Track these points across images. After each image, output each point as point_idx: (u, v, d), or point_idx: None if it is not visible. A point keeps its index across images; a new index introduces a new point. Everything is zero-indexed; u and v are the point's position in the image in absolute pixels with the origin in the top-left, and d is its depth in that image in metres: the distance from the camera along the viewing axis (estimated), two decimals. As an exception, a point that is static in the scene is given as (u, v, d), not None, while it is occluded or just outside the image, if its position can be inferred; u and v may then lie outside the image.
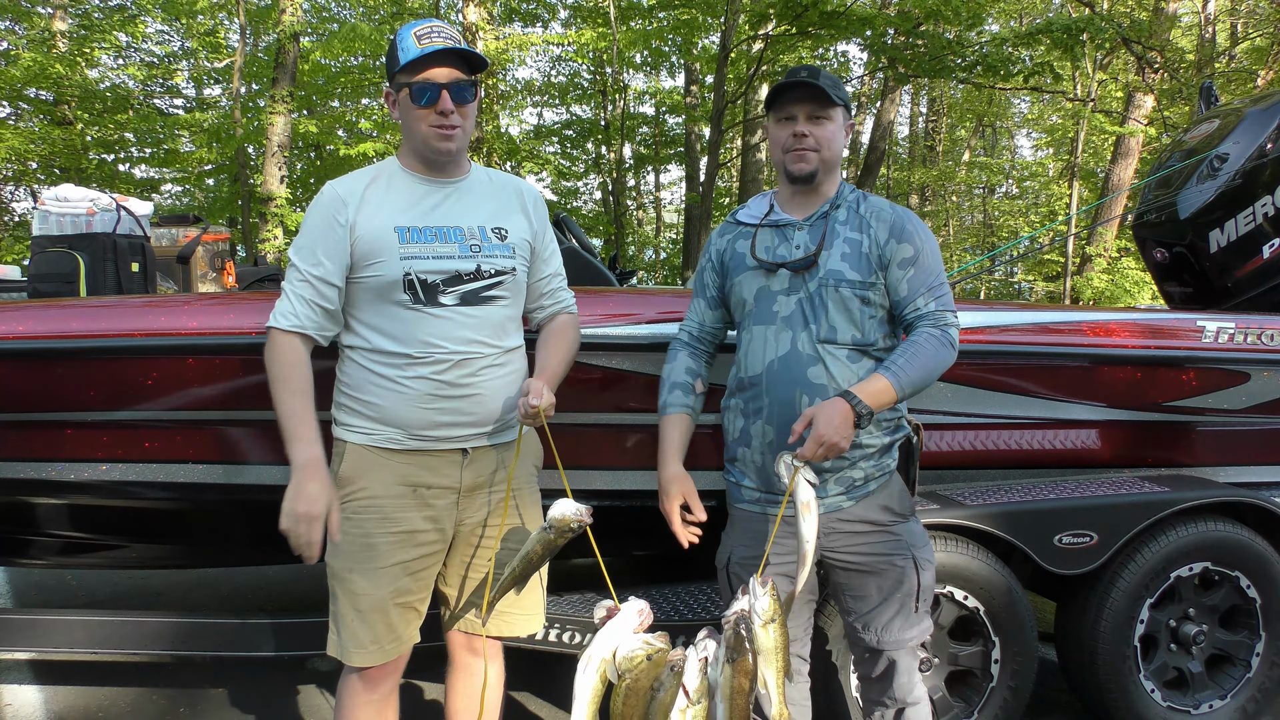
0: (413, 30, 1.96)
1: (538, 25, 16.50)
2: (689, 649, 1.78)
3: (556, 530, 1.87)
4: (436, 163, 2.03)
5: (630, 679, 1.71)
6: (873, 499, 2.08)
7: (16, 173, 14.14)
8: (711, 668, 1.77)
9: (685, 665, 1.75)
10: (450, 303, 1.97)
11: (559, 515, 1.86)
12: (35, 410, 2.60)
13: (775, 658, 1.77)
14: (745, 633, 1.74)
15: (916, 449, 2.15)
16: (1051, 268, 19.64)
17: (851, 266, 2.03)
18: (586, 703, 1.73)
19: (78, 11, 14.72)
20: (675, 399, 2.21)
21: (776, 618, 1.76)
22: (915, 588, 2.09)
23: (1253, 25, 16.88)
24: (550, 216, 2.35)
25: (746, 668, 1.74)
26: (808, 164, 2.06)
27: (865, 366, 2.04)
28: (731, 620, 1.75)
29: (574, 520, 1.85)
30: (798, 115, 2.05)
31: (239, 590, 4.50)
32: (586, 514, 1.86)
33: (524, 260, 2.09)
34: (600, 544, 1.93)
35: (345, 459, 2.02)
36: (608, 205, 18.07)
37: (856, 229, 2.07)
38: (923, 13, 10.72)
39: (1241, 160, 3.52)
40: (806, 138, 2.04)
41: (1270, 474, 3.26)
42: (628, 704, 1.72)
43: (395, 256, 1.94)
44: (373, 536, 1.99)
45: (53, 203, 3.34)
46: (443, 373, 1.97)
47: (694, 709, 1.74)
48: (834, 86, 2.04)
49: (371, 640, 2.01)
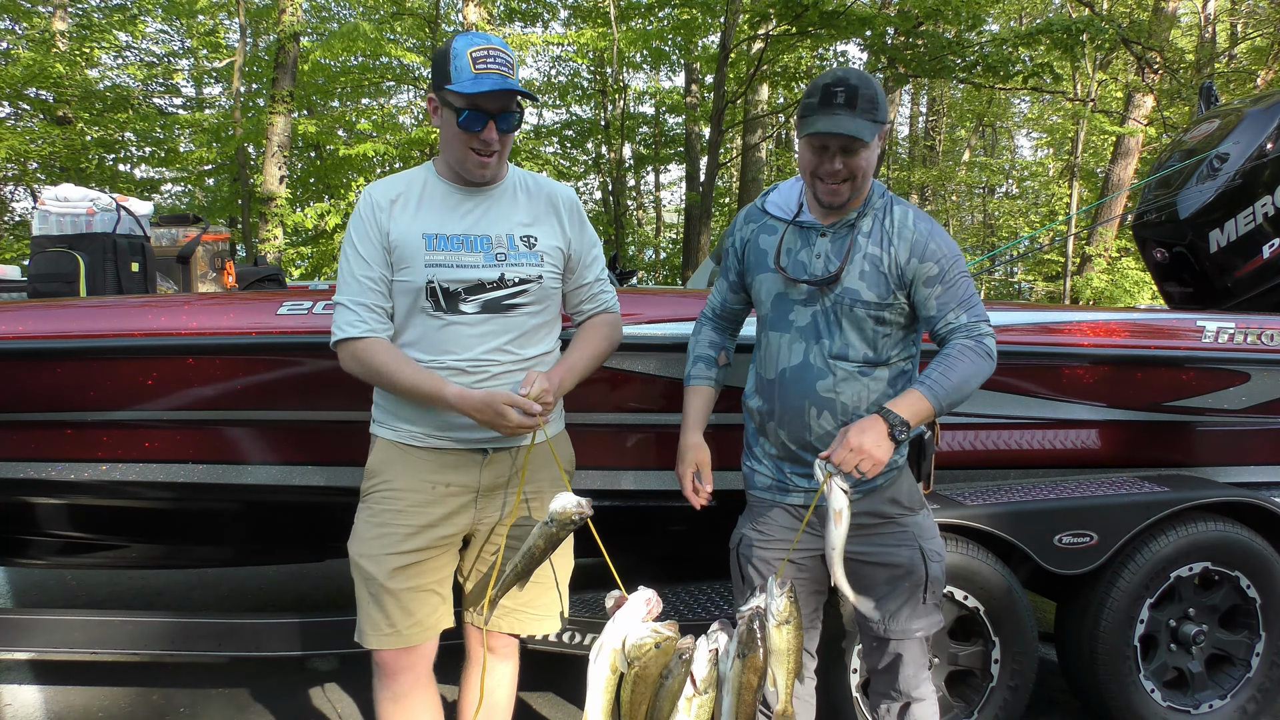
0: (469, 50, 1.91)
1: (538, 25, 16.51)
2: (699, 639, 1.78)
3: (558, 524, 1.87)
4: (470, 180, 2.06)
5: (639, 667, 1.72)
6: (880, 493, 2.08)
7: (16, 173, 14.14)
8: (721, 660, 1.77)
9: (694, 654, 1.74)
10: (471, 310, 1.99)
11: (559, 508, 1.86)
12: (35, 410, 2.60)
13: (787, 659, 1.77)
14: (759, 630, 1.74)
15: (929, 445, 2.15)
16: (1051, 268, 19.65)
17: (869, 286, 2.01)
18: (600, 692, 1.75)
19: (77, 11, 14.72)
20: (698, 371, 2.28)
21: (791, 619, 1.77)
22: (923, 579, 2.10)
23: (1253, 25, 16.87)
24: None
25: (757, 664, 1.73)
26: (839, 197, 1.99)
27: (877, 381, 2.04)
28: (746, 616, 1.75)
29: (575, 513, 1.86)
30: (831, 145, 1.93)
31: (239, 590, 4.50)
32: (587, 506, 1.86)
33: (554, 268, 2.10)
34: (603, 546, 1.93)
35: (374, 452, 2.09)
36: (608, 205, 18.05)
37: (879, 244, 2.02)
38: (922, 13, 10.72)
39: (1241, 160, 3.52)
40: (840, 171, 1.94)
41: (1270, 474, 3.27)
42: (636, 691, 1.73)
43: (421, 264, 1.97)
44: (388, 525, 2.03)
45: (53, 203, 3.34)
46: (456, 378, 1.98)
47: (700, 699, 1.73)
48: (872, 110, 1.90)
49: (386, 623, 2.03)
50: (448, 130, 1.98)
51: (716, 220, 16.51)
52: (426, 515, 2.04)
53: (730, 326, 2.34)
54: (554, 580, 2.21)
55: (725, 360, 2.30)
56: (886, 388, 2.05)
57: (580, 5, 15.82)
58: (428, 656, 2.12)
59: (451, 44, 1.95)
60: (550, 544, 1.92)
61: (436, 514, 2.05)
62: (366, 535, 2.06)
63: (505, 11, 15.36)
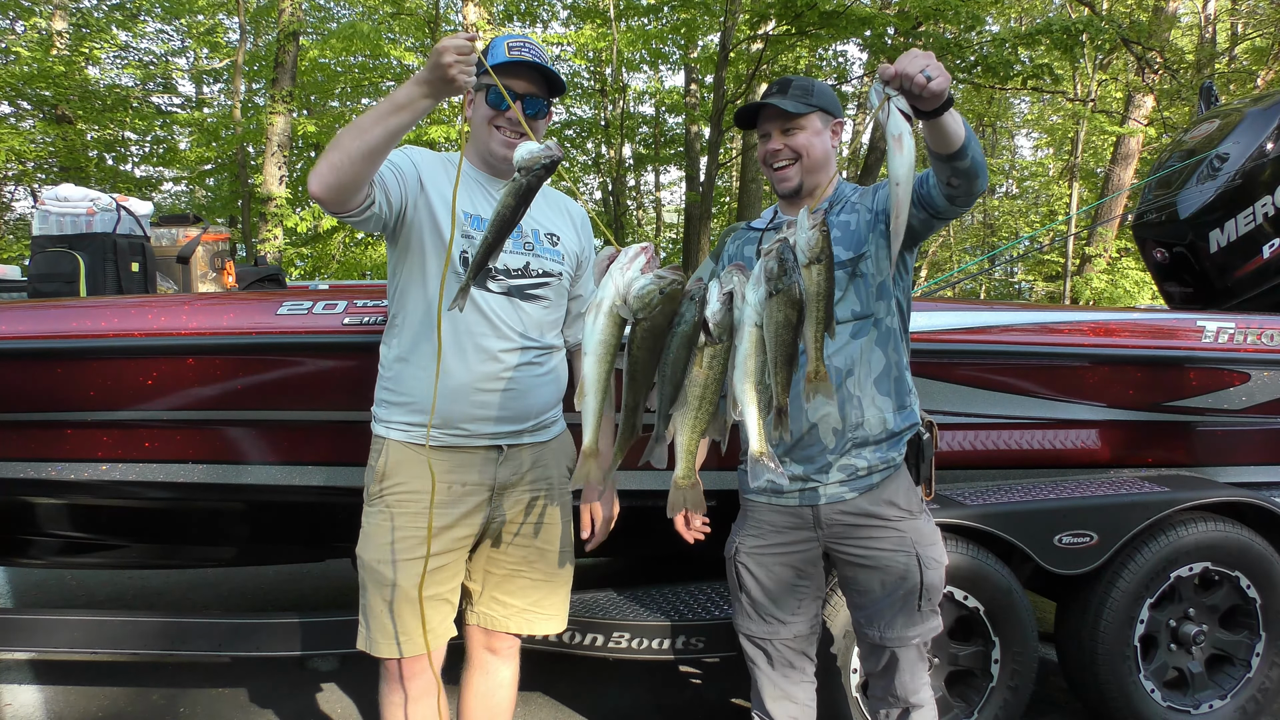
0: (506, 41, 2.02)
1: (537, 25, 16.51)
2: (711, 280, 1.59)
3: (526, 171, 1.63)
4: (498, 169, 2.07)
5: (647, 319, 1.54)
6: (877, 492, 2.07)
7: (17, 172, 14.14)
8: (738, 305, 1.58)
9: (707, 295, 1.57)
10: (498, 290, 2.02)
11: (525, 155, 1.62)
12: (35, 410, 2.60)
13: (816, 305, 1.59)
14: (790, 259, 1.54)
15: (928, 446, 2.15)
16: (1051, 268, 19.65)
17: (844, 248, 2.06)
18: (599, 356, 1.60)
19: (76, 10, 14.71)
20: None
21: (823, 258, 1.57)
22: (918, 586, 2.09)
23: (1253, 25, 16.87)
24: None
25: (794, 296, 1.54)
26: (790, 180, 2.11)
27: (866, 345, 2.05)
28: (775, 250, 1.56)
29: (543, 156, 1.62)
30: (771, 131, 2.11)
31: (239, 590, 4.50)
32: (555, 147, 1.64)
33: (570, 270, 2.15)
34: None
35: (385, 454, 2.06)
36: (608, 205, 18.05)
37: (849, 212, 2.11)
38: (922, 13, 10.72)
39: (1241, 160, 3.52)
40: (781, 151, 2.10)
41: (1270, 474, 3.27)
42: (645, 346, 1.56)
43: (459, 231, 1.96)
44: (406, 530, 2.02)
45: (53, 203, 3.34)
46: (482, 363, 1.99)
47: (714, 347, 1.56)
48: (803, 94, 2.08)
49: (401, 631, 2.03)
50: (478, 114, 2.04)
51: (716, 220, 16.51)
52: (445, 516, 2.03)
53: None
54: (562, 580, 2.21)
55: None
56: (876, 347, 2.06)
57: (580, 5, 15.81)
58: (438, 661, 2.11)
59: (491, 41, 2.04)
60: (521, 200, 1.66)
61: (454, 514, 2.04)
62: (383, 540, 2.03)
63: (505, 11, 15.35)
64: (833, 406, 2.02)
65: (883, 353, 2.07)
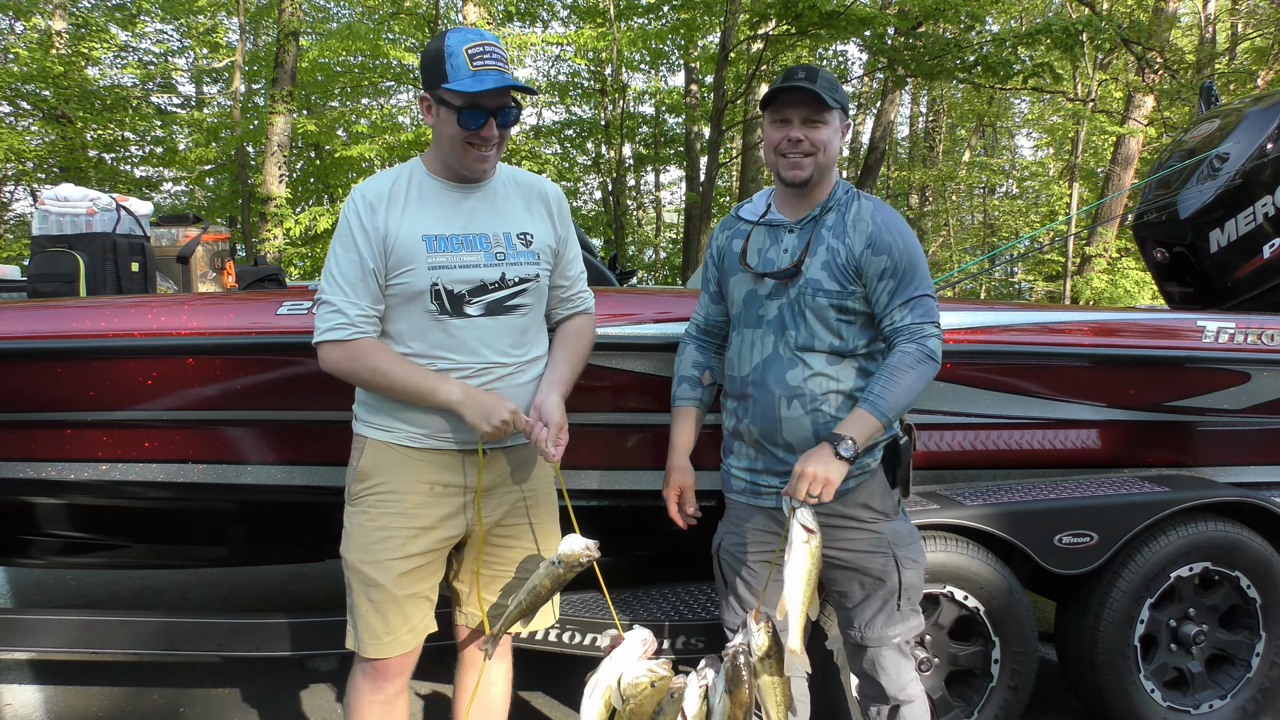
0: (465, 47, 1.89)
1: (537, 25, 16.50)
2: (690, 676, 1.84)
3: (565, 565, 1.92)
4: (468, 178, 2.03)
5: (634, 704, 1.77)
6: (851, 496, 2.08)
7: (16, 172, 14.13)
8: (711, 694, 1.83)
9: (685, 691, 1.81)
10: (475, 313, 1.98)
11: (568, 551, 1.92)
12: (35, 410, 2.60)
13: (774, 691, 1.84)
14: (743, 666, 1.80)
15: (905, 450, 2.14)
16: (1051, 268, 19.64)
17: (830, 276, 2.04)
18: None
19: (76, 10, 14.70)
20: (682, 392, 2.29)
21: (773, 654, 1.82)
22: (896, 586, 2.11)
23: (1253, 25, 16.87)
24: None
25: (743, 699, 1.79)
26: (802, 170, 2.05)
27: (846, 370, 2.05)
28: (730, 653, 1.80)
29: (583, 555, 1.91)
30: (793, 119, 2.03)
31: (239, 590, 4.50)
32: (594, 549, 1.91)
33: (547, 266, 2.10)
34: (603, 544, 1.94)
35: (365, 454, 2.05)
36: (608, 205, 18.04)
37: (839, 236, 2.06)
38: (922, 13, 10.72)
39: (1241, 160, 3.52)
40: (801, 142, 2.03)
41: (1270, 474, 3.27)
42: None
43: (424, 266, 1.94)
44: (388, 530, 2.01)
45: (53, 203, 3.34)
46: (462, 380, 1.98)
47: None
48: (831, 89, 2.02)
49: (386, 631, 2.03)
50: (445, 129, 1.95)
51: (716, 220, 16.49)
52: (426, 517, 2.03)
53: (714, 343, 2.32)
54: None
55: (710, 379, 2.29)
56: (856, 378, 2.06)
57: (580, 5, 15.81)
58: (415, 659, 2.13)
59: (444, 42, 1.92)
60: (556, 584, 1.96)
61: (435, 516, 2.04)
62: (365, 540, 2.02)
63: (505, 11, 15.35)
64: (808, 431, 2.03)
65: (860, 377, 2.06)
